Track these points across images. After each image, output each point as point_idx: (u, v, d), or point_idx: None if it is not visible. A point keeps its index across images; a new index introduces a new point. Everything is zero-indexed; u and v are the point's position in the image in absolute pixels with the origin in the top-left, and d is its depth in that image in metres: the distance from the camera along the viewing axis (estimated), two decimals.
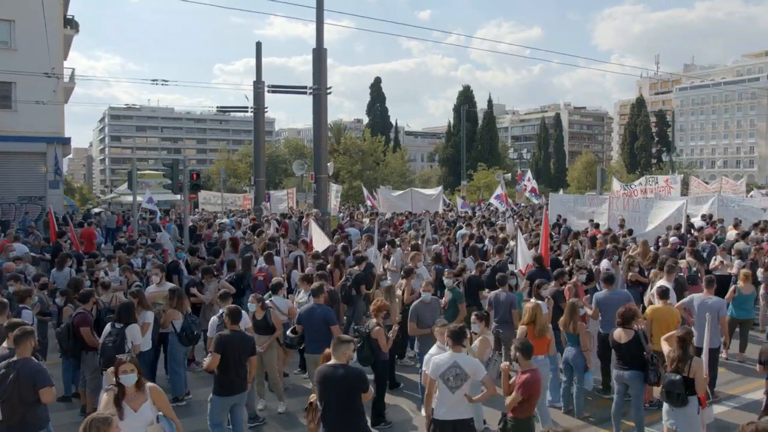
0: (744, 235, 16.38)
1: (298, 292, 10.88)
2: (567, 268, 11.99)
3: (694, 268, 12.35)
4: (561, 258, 14.14)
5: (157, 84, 30.53)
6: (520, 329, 8.32)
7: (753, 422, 4.52)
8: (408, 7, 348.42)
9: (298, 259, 13.34)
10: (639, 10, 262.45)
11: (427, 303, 9.44)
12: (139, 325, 8.56)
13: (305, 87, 22.40)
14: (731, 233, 17.37)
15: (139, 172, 28.39)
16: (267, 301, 9.63)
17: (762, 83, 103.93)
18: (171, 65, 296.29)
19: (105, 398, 5.71)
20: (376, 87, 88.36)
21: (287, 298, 10.61)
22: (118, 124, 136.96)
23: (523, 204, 34.81)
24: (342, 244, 15.12)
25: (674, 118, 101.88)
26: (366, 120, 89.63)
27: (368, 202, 29.87)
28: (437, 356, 6.66)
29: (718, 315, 9.14)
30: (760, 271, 12.85)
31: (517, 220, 22.46)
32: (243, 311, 8.41)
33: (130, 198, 25.47)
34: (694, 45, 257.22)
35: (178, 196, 22.07)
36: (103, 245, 23.01)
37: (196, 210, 34.29)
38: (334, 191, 25.32)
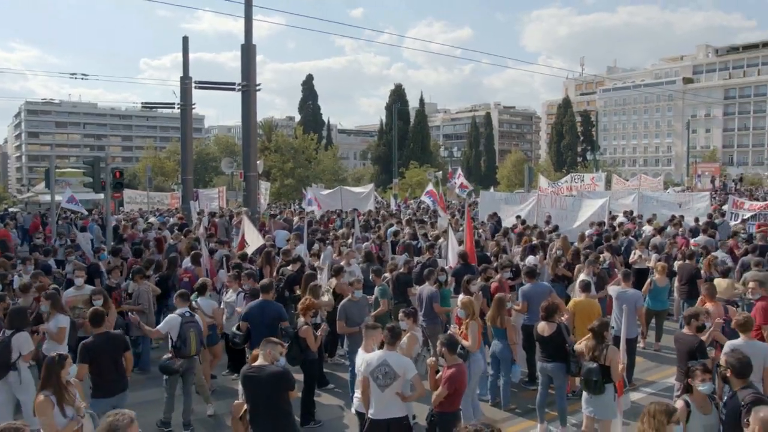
0: (660, 230, 17.15)
1: (225, 292, 10.68)
2: (494, 264, 12.21)
3: (607, 262, 12.82)
4: (489, 254, 14.40)
5: (77, 78, 29.19)
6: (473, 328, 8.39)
7: (653, 402, 4.89)
8: (341, 4, 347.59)
9: (224, 258, 13.05)
10: (565, 13, 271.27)
11: (355, 301, 9.44)
12: (53, 330, 8.18)
13: (234, 83, 21.97)
14: (647, 228, 18.15)
15: (58, 170, 27.20)
16: (193, 303, 9.41)
17: (678, 86, 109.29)
18: (94, 59, 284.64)
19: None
20: (308, 84, 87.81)
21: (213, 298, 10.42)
22: (36, 120, 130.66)
23: (454, 201, 35.30)
24: (271, 242, 14.91)
25: (598, 118, 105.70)
26: (298, 117, 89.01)
27: (307, 204, 29.52)
28: (369, 354, 6.68)
29: (635, 306, 9.53)
30: (675, 264, 13.46)
31: (449, 217, 22.74)
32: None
33: (48, 197, 24.33)
34: (617, 48, 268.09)
35: (102, 195, 21.23)
36: (19, 246, 21.92)
37: (120, 209, 33.14)
38: (263, 189, 24.93)
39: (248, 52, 20.98)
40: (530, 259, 13.03)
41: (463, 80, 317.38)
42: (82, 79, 32.34)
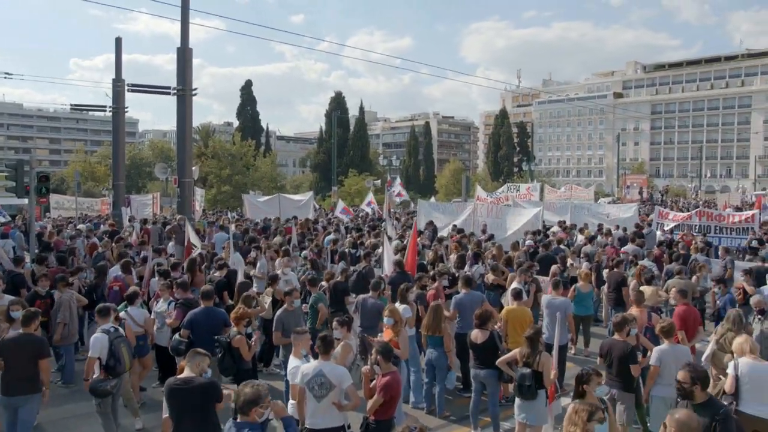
0: (591, 239, 17.71)
1: (156, 302, 10.39)
2: (431, 273, 12.31)
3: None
4: (426, 263, 14.51)
5: None
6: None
7: (578, 402, 5.26)
8: (281, 10, 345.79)
9: (156, 267, 12.67)
10: (502, 27, 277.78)
11: (290, 311, 9.36)
12: None
13: (169, 87, 21.44)
14: (579, 237, 18.72)
15: None
16: (121, 313, 9.11)
17: (608, 100, 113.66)
18: (19, 57, 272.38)
19: None
20: (247, 90, 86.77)
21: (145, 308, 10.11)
22: None
23: (394, 210, 35.45)
24: (200, 250, 14.54)
25: (533, 129, 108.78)
26: (236, 123, 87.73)
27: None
28: (305, 365, 6.63)
29: (565, 314, 9.78)
30: (604, 272, 13.92)
31: (393, 225, 22.76)
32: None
33: None
34: (552, 62, 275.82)
35: (26, 201, 20.29)
36: None
37: (47, 215, 31.77)
38: (198, 196, 24.38)
39: (184, 55, 20.55)
40: (476, 268, 13.19)
41: (402, 89, 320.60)
42: (5, 78, 31.01)
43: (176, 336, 8.82)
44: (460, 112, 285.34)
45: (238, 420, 5.06)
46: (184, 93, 20.34)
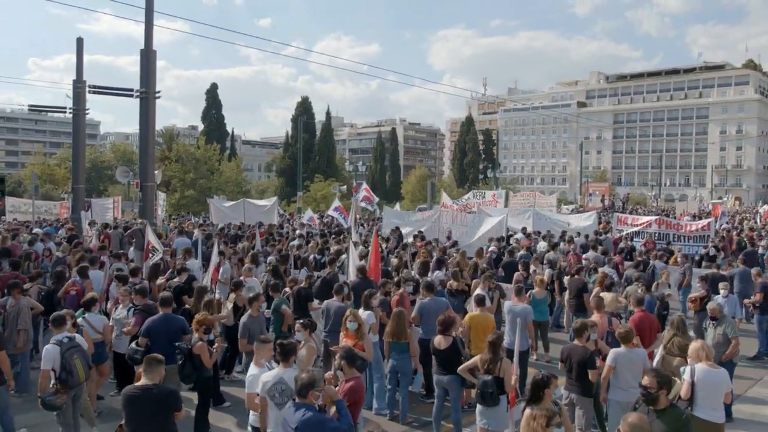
0: (554, 246, 17.94)
1: (115, 308, 10.18)
2: (395, 279, 12.32)
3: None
4: (390, 269, 14.53)
5: None
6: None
7: (536, 407, 5.37)
8: (248, 13, 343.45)
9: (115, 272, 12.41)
10: (469, 35, 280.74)
11: (255, 317, 9.28)
12: None
13: (132, 89, 21.03)
14: (542, 244, 18.95)
15: None
16: (79, 320, 8.88)
17: (572, 109, 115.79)
18: None
19: None
20: (212, 93, 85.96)
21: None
22: None
23: (360, 216, 35.39)
24: (160, 255, 14.28)
25: (499, 137, 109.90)
26: (201, 127, 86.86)
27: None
28: (266, 373, 6.57)
29: (526, 320, 9.89)
30: (565, 279, 14.11)
31: (357, 232, 22.72)
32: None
33: None
34: (517, 70, 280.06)
35: None
36: None
37: (2, 218, 30.91)
38: (161, 200, 23.98)
39: (148, 57, 20.19)
40: (437, 274, 13.24)
41: (370, 95, 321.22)
42: None
43: (133, 344, 8.64)
44: (426, 119, 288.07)
45: (297, 401, 5.51)
46: (147, 95, 19.98)
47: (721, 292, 11.65)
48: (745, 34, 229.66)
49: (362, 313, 9.30)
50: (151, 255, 13.62)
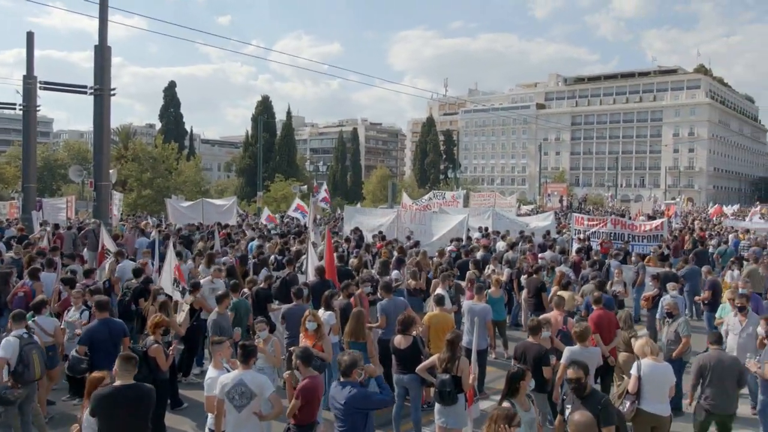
0: (512, 246, 18.17)
1: (68, 311, 9.92)
2: (356, 279, 12.30)
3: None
4: (351, 269, 14.50)
5: None
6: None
7: (496, 408, 5.40)
8: (207, 10, 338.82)
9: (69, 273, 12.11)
10: (430, 36, 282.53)
11: (222, 314, 9.26)
12: None
13: (85, 86, 20.57)
14: (500, 244, 19.17)
15: None
16: (29, 322, 8.62)
17: (531, 111, 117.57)
18: None
19: None
20: (170, 91, 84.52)
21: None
22: None
23: (319, 216, 35.27)
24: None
25: (459, 137, 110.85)
26: (159, 125, 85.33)
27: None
28: (224, 375, 6.49)
29: (485, 319, 9.98)
30: (523, 278, 14.29)
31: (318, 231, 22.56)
32: None
33: None
34: (478, 72, 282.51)
35: None
36: None
37: None
38: (117, 200, 23.47)
39: (102, 53, 19.78)
40: (394, 274, 13.27)
41: (331, 95, 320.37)
42: None
43: (73, 352, 8.40)
44: (388, 119, 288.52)
45: (341, 380, 6.23)
46: (101, 92, 19.58)
47: (671, 291, 11.98)
48: (698, 39, 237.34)
49: (322, 313, 9.28)
50: (106, 256, 13.33)
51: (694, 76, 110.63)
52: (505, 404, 5.86)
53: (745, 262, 17.37)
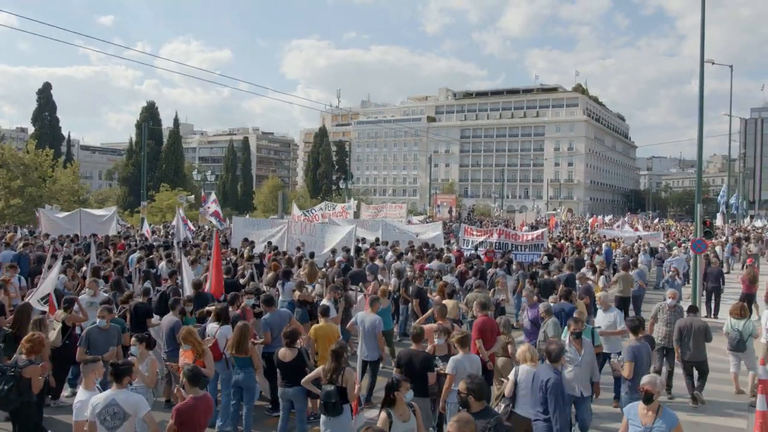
0: (400, 256, 18.48)
1: None
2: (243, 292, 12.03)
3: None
4: (242, 281, 14.18)
5: None
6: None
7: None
8: (87, 9, 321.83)
9: None
10: (323, 46, 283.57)
11: (104, 329, 8.77)
12: None
13: None
14: (389, 255, 19.46)
15: None
16: None
17: (422, 124, 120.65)
18: None
19: None
20: (45, 93, 79.66)
21: None
22: None
23: (207, 227, 34.27)
24: None
25: (352, 148, 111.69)
26: (32, 129, 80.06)
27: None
28: (96, 396, 6.17)
29: (375, 330, 10.06)
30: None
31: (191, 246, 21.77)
32: None
33: None
34: (370, 83, 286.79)
35: None
36: None
37: None
38: None
39: None
40: (288, 285, 13.07)
41: (221, 102, 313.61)
42: None
43: None
44: (280, 129, 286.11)
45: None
46: None
47: (550, 298, 12.58)
48: (576, 60, 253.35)
49: (216, 326, 9.04)
50: None
51: (572, 95, 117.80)
52: (382, 414, 5.92)
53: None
